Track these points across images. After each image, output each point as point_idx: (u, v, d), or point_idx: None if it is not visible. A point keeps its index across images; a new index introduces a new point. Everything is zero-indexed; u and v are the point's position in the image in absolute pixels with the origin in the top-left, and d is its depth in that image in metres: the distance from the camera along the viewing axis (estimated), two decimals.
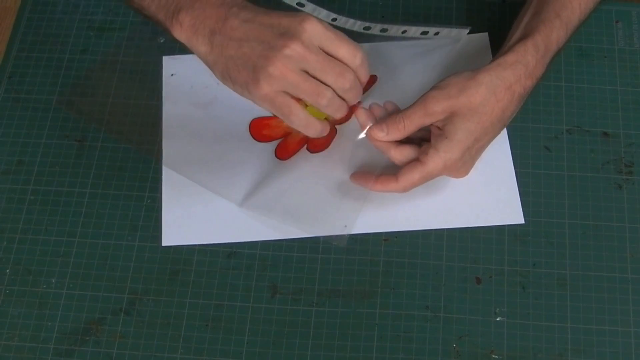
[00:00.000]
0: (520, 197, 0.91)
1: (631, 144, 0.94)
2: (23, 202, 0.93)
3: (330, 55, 0.81)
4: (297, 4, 0.98)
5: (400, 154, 0.87)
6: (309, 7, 0.98)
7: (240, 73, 0.81)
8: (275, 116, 0.85)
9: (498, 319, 0.86)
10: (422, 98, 0.85)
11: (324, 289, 0.88)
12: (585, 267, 0.88)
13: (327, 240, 0.89)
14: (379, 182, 0.87)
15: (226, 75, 0.83)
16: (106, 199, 0.93)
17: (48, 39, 1.02)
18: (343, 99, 0.83)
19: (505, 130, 0.93)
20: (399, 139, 0.86)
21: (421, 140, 0.88)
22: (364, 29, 0.99)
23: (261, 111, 0.88)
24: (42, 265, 0.89)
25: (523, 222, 0.90)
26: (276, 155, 0.93)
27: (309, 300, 0.87)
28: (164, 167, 0.94)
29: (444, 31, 0.97)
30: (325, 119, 0.89)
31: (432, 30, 0.97)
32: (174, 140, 0.95)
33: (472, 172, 0.90)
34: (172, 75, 0.99)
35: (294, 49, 0.79)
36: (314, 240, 0.90)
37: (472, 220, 0.91)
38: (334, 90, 0.82)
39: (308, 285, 0.88)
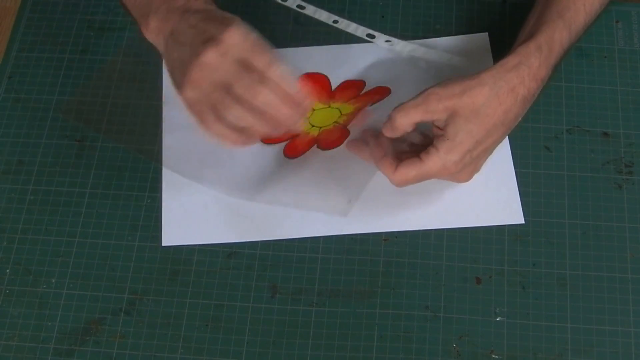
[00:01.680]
0: (520, 197, 0.91)
1: (631, 144, 0.94)
2: (23, 202, 0.93)
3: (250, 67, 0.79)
4: (298, 6, 0.98)
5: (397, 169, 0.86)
6: (310, 10, 0.98)
7: (176, 76, 0.82)
8: None
9: (498, 319, 0.86)
10: (423, 94, 0.83)
11: (324, 289, 0.88)
12: (585, 267, 0.88)
13: (327, 212, 0.89)
14: (382, 162, 0.85)
15: (171, 78, 0.84)
16: (106, 199, 0.93)
17: (48, 39, 1.02)
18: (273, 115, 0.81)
19: None
20: (396, 136, 0.85)
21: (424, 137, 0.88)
22: (367, 35, 0.99)
23: None
24: (42, 265, 0.89)
25: (523, 222, 0.90)
26: (285, 154, 0.93)
27: (309, 300, 0.87)
28: (164, 167, 0.94)
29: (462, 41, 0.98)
30: (337, 122, 0.89)
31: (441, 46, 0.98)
32: (174, 140, 0.95)
33: None
34: None
35: (207, 59, 0.78)
36: (314, 240, 0.90)
37: (472, 220, 0.91)
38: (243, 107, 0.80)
39: (308, 285, 0.88)
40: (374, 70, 0.98)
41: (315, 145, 0.93)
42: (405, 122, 0.83)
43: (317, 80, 0.97)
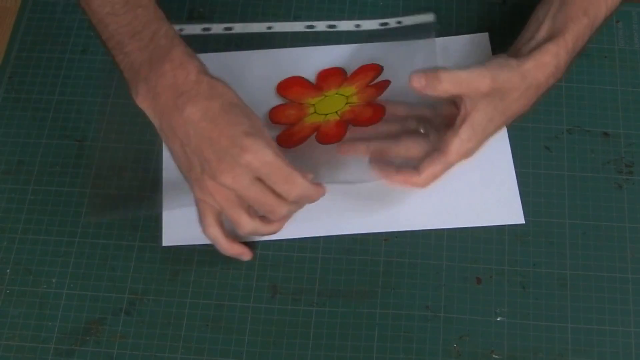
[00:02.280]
0: (520, 197, 0.91)
1: (631, 144, 0.94)
2: (23, 202, 0.93)
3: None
4: (225, 28, 0.99)
5: (408, 151, 0.87)
6: (278, 26, 0.99)
7: (181, 167, 0.82)
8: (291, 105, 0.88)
9: (498, 319, 0.86)
10: (479, 69, 0.81)
11: (324, 289, 0.88)
12: (585, 267, 0.88)
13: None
14: (400, 175, 0.85)
15: (172, 157, 0.83)
16: (107, 199, 0.92)
17: (48, 39, 1.02)
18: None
19: (505, 130, 0.93)
20: (432, 94, 0.82)
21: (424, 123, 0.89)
22: (307, 27, 1.00)
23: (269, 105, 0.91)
24: (43, 265, 0.89)
25: (523, 222, 0.90)
26: (278, 143, 0.93)
27: (309, 300, 0.87)
28: (164, 167, 0.93)
29: (408, 19, 0.98)
30: (349, 102, 0.89)
31: (392, 20, 0.98)
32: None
33: (472, 172, 0.91)
34: None
35: (226, 182, 0.78)
36: (314, 240, 0.90)
37: (472, 220, 0.91)
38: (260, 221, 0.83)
39: (308, 285, 0.88)
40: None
41: (314, 135, 0.93)
42: (433, 90, 0.81)
43: (332, 72, 0.97)
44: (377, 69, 0.96)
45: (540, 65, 0.83)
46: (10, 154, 0.95)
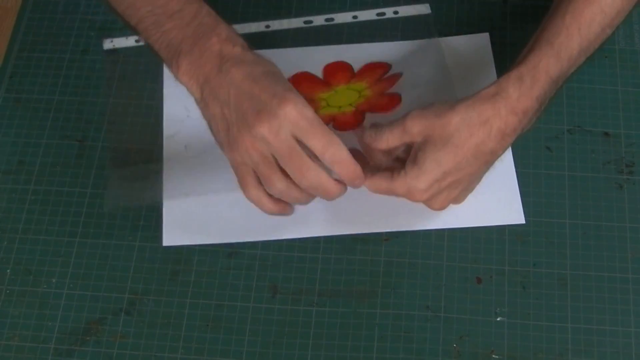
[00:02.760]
0: (521, 197, 0.91)
1: (632, 144, 0.94)
2: (24, 202, 0.93)
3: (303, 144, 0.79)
4: (266, 26, 0.99)
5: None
6: (276, 24, 0.99)
7: (218, 132, 0.81)
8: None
9: (498, 319, 0.86)
10: (403, 116, 0.82)
11: (324, 289, 0.88)
12: (586, 267, 0.88)
13: None
14: (355, 166, 0.83)
15: (209, 128, 0.83)
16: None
17: (48, 39, 1.02)
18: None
19: None
20: (383, 148, 0.83)
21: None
22: (305, 22, 1.00)
23: None
24: (43, 265, 0.89)
25: (524, 222, 0.90)
26: None
27: (309, 300, 0.87)
28: (164, 167, 0.93)
29: (404, 9, 0.98)
30: (362, 95, 0.90)
31: (389, 10, 1.00)
32: (175, 141, 0.95)
33: None
34: None
35: (260, 132, 0.77)
36: (315, 240, 0.90)
37: (472, 220, 0.91)
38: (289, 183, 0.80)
39: (308, 285, 0.88)
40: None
41: (331, 124, 0.93)
42: (381, 144, 0.83)
43: (340, 67, 0.97)
44: (385, 66, 0.96)
45: (486, 98, 0.80)
46: (11, 154, 0.95)
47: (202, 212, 0.91)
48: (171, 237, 0.90)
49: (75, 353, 0.85)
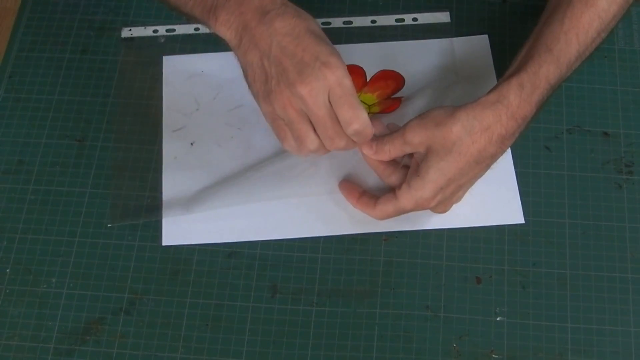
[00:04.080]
0: (520, 197, 0.91)
1: (631, 144, 0.94)
2: (23, 202, 0.93)
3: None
4: None
5: (387, 178, 0.87)
6: None
7: (255, 82, 0.82)
8: None
9: (498, 319, 0.86)
10: (403, 126, 0.83)
11: (324, 288, 0.88)
12: (585, 267, 0.88)
13: None
14: (360, 202, 0.88)
15: (245, 75, 0.83)
16: (106, 198, 0.93)
17: (48, 39, 1.02)
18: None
19: None
20: (386, 160, 0.85)
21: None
22: (323, 24, 1.00)
23: None
24: (43, 265, 0.89)
25: (523, 221, 0.90)
26: None
27: (309, 300, 0.87)
28: (164, 167, 0.94)
29: (423, 17, 0.99)
30: (371, 111, 0.90)
31: (408, 17, 1.00)
32: (181, 135, 0.95)
33: None
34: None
35: (300, 92, 0.78)
36: (314, 240, 0.90)
37: (472, 220, 0.91)
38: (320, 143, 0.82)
39: (308, 285, 0.88)
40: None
41: None
42: (383, 156, 0.84)
43: (353, 71, 0.97)
44: (399, 79, 0.95)
45: (487, 106, 0.82)
46: (10, 154, 0.95)
47: (201, 212, 0.91)
48: (171, 236, 0.90)
49: (75, 353, 0.85)
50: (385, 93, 0.93)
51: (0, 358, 0.85)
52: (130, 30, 1.02)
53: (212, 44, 1.00)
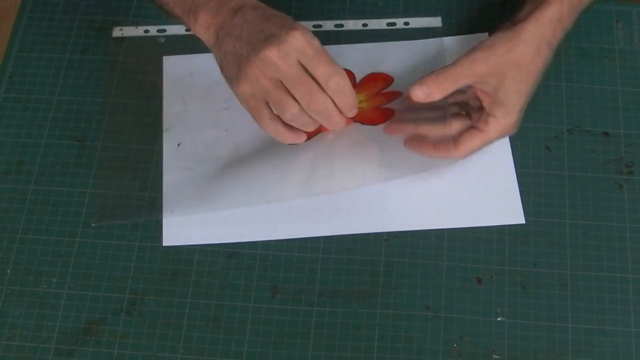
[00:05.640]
0: (520, 197, 0.91)
1: (631, 144, 0.94)
2: (24, 202, 0.93)
3: (309, 72, 0.81)
4: None
5: (442, 130, 0.88)
6: None
7: (229, 69, 0.83)
8: None
9: (499, 319, 0.86)
10: (468, 58, 0.85)
11: (324, 289, 0.88)
12: (586, 267, 0.88)
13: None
14: (437, 148, 0.88)
15: (221, 69, 0.85)
16: (106, 199, 0.92)
17: (48, 39, 1.02)
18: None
19: None
20: (438, 98, 0.85)
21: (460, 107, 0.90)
22: (314, 27, 1.00)
23: None
24: (43, 265, 0.89)
25: (524, 222, 0.90)
26: None
27: (309, 301, 0.87)
28: (164, 167, 0.94)
29: (415, 21, 0.99)
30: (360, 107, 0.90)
31: (400, 20, 1.00)
32: (170, 135, 0.95)
33: (473, 172, 0.91)
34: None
35: (269, 57, 0.79)
36: (315, 240, 0.90)
37: (472, 220, 0.91)
38: (301, 107, 0.82)
39: (309, 285, 0.88)
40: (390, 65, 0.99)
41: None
42: (451, 86, 0.85)
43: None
44: (388, 79, 0.96)
45: (546, 20, 0.85)
46: (11, 154, 0.95)
47: (202, 212, 0.91)
48: (171, 237, 0.90)
49: (76, 353, 0.85)
50: (374, 91, 0.94)
51: (1, 358, 0.85)
52: (121, 29, 1.02)
53: None
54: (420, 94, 0.84)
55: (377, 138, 0.92)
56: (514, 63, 0.84)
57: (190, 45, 1.01)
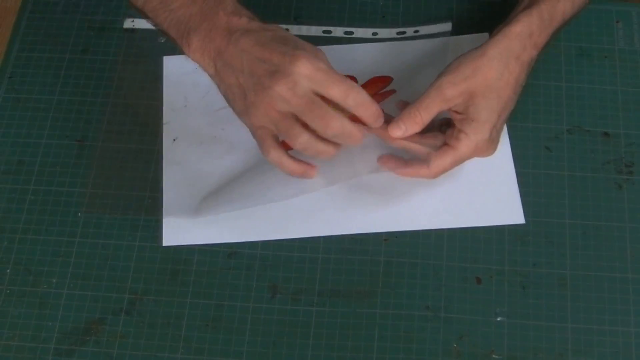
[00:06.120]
0: (520, 197, 0.91)
1: (631, 144, 0.94)
2: (23, 202, 0.93)
3: (323, 97, 0.79)
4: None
5: (423, 147, 0.87)
6: (294, 29, 0.99)
7: (236, 102, 0.83)
8: None
9: (498, 319, 0.86)
10: (435, 85, 0.84)
11: (324, 289, 0.88)
12: (585, 267, 0.88)
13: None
14: (409, 167, 0.87)
15: (227, 101, 0.84)
16: (107, 198, 0.93)
17: (48, 39, 1.02)
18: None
19: (505, 129, 0.93)
20: (417, 132, 0.85)
21: (441, 125, 0.88)
22: (324, 32, 1.00)
23: None
24: (43, 265, 0.89)
25: (523, 222, 0.90)
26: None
27: (309, 300, 0.87)
28: (164, 167, 0.94)
29: (425, 28, 0.98)
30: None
31: (410, 29, 1.00)
32: (167, 129, 0.95)
33: (472, 172, 0.91)
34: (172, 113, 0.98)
35: (278, 92, 0.78)
36: (315, 240, 0.90)
37: (472, 220, 0.91)
38: (314, 134, 0.81)
39: (308, 285, 0.88)
40: (383, 66, 0.98)
41: None
42: (426, 117, 0.84)
43: None
44: (387, 80, 0.96)
45: (513, 36, 0.85)
46: (10, 154, 0.95)
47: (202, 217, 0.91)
48: (171, 237, 0.90)
49: (75, 353, 0.85)
50: (372, 92, 0.94)
51: (1, 358, 0.85)
52: (133, 21, 1.02)
53: None
54: (398, 132, 0.84)
55: (373, 140, 0.92)
56: (482, 82, 0.83)
57: None
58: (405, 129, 0.84)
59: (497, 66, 0.83)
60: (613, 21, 1.01)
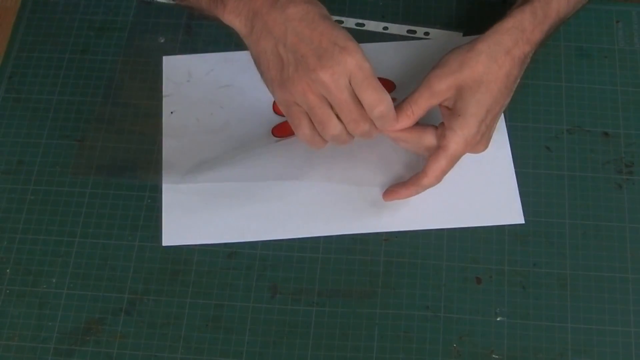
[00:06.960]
0: (520, 197, 0.91)
1: (631, 144, 0.94)
2: (23, 202, 0.93)
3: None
4: None
5: (420, 143, 0.86)
6: None
7: (269, 70, 0.82)
8: None
9: (498, 319, 0.86)
10: (424, 80, 0.84)
11: (324, 289, 0.88)
12: (585, 267, 0.88)
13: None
14: (410, 184, 0.87)
15: (257, 64, 0.83)
16: (106, 199, 0.93)
17: (48, 39, 1.02)
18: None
19: (505, 129, 0.94)
20: (410, 125, 0.85)
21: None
22: (357, 25, 1.00)
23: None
24: (43, 265, 0.89)
25: (523, 222, 0.90)
26: (273, 134, 0.94)
27: (309, 300, 0.87)
28: (164, 167, 0.94)
29: (436, 33, 0.98)
30: None
31: (420, 30, 1.00)
32: (174, 140, 0.95)
33: (472, 172, 0.91)
34: (171, 113, 0.98)
35: (322, 78, 0.78)
36: (315, 240, 0.90)
37: (472, 220, 0.91)
38: (344, 128, 0.82)
39: (308, 285, 0.88)
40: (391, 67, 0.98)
41: None
42: (417, 111, 0.84)
43: None
44: (389, 84, 0.96)
45: (503, 31, 0.84)
46: (10, 154, 0.95)
47: (201, 212, 0.91)
48: (171, 237, 0.90)
49: (75, 353, 0.85)
50: None
51: (0, 358, 0.85)
52: None
53: (212, 44, 1.00)
54: (395, 124, 0.84)
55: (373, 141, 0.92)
56: (469, 76, 0.83)
57: (190, 45, 1.01)
58: (398, 120, 0.84)
59: (485, 60, 0.83)
60: (613, 21, 1.01)
